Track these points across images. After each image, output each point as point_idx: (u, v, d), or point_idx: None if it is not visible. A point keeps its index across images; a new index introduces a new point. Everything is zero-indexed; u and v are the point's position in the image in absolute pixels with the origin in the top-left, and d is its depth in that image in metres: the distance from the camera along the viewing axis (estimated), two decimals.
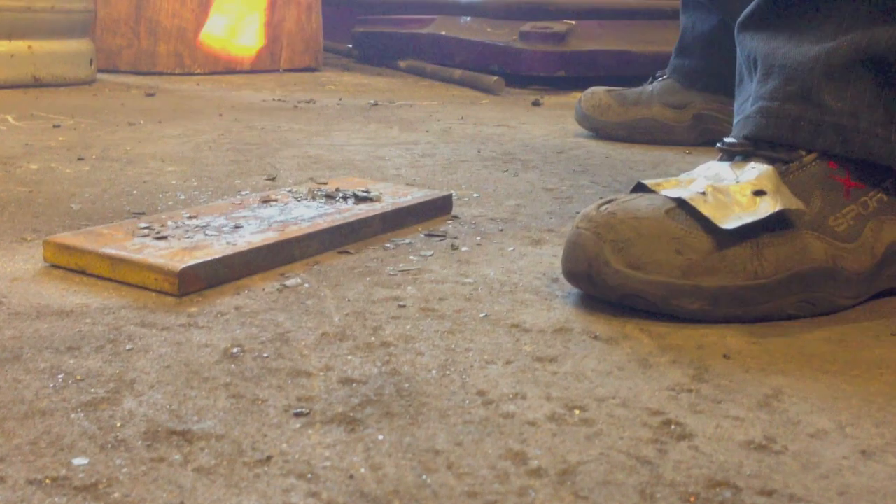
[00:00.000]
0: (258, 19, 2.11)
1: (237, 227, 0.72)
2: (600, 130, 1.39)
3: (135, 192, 0.92)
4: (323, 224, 0.73)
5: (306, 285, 0.65)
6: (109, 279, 0.64)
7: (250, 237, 0.69)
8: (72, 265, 0.66)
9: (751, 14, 0.70)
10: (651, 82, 1.39)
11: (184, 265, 0.62)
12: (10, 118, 1.35)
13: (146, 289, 0.62)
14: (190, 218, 0.74)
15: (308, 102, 1.69)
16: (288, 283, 0.65)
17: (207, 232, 0.70)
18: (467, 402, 0.47)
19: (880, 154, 0.62)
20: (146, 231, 0.70)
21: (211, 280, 0.63)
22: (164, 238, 0.68)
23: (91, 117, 1.40)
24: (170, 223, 0.72)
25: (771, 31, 0.68)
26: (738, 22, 0.71)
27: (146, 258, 0.63)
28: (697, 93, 1.33)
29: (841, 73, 0.63)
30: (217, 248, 0.66)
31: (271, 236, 0.69)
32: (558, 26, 2.05)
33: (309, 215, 0.76)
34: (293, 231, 0.71)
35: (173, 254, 0.64)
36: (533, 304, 0.63)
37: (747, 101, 0.69)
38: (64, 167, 1.02)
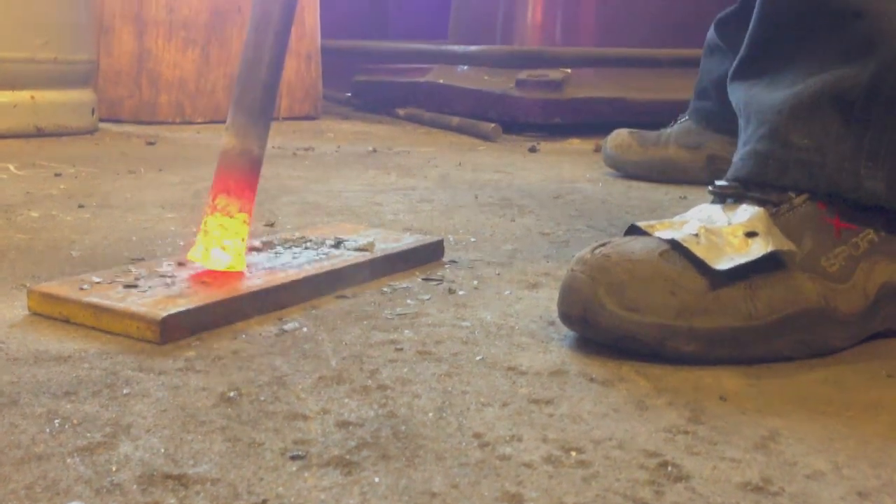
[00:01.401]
0: None
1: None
2: (622, 169, 1.47)
3: (134, 238, 0.93)
4: (311, 271, 0.73)
5: (304, 329, 0.65)
6: (93, 328, 0.64)
7: (237, 284, 0.69)
8: (56, 314, 0.66)
9: (737, 67, 0.73)
10: (672, 124, 1.46)
11: (166, 313, 0.61)
12: (11, 167, 1.37)
13: (129, 337, 0.62)
14: (179, 265, 0.74)
15: (307, 150, 1.71)
16: (285, 327, 0.66)
17: (193, 280, 0.70)
18: (464, 444, 0.47)
19: (848, 187, 0.64)
20: (132, 278, 0.70)
21: (194, 328, 0.63)
22: (149, 286, 0.68)
23: (92, 166, 1.41)
24: (158, 270, 0.72)
25: (753, 81, 0.70)
26: (728, 75, 0.74)
27: (128, 306, 0.63)
28: (712, 134, 1.38)
29: (807, 112, 0.65)
30: (201, 296, 0.66)
31: (257, 283, 0.69)
32: (554, 74, 2.07)
33: (298, 262, 0.76)
34: (280, 278, 0.71)
35: (156, 302, 0.64)
36: (529, 347, 0.63)
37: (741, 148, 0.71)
38: (64, 215, 1.03)
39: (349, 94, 2.68)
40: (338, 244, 0.82)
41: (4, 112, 1.70)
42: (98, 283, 0.68)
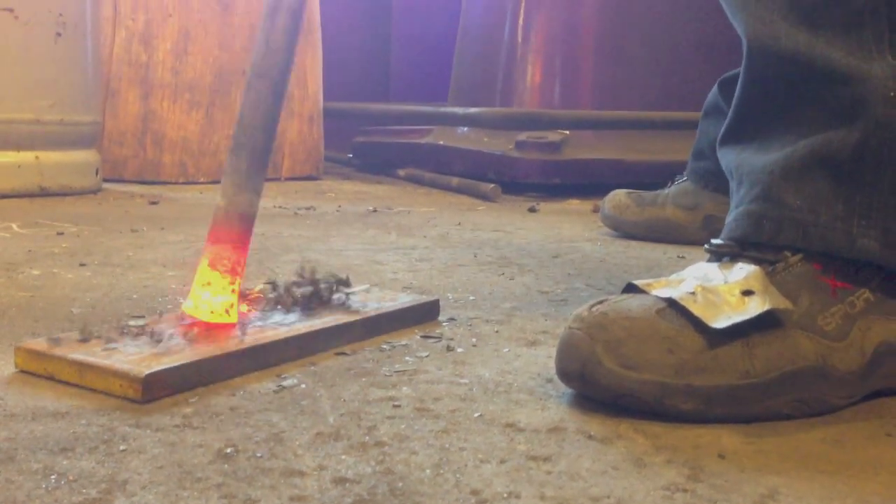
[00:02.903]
0: None
1: (215, 332, 0.71)
2: (620, 229, 1.48)
3: (135, 296, 0.93)
4: (302, 329, 0.73)
5: (302, 385, 0.65)
6: (77, 385, 0.63)
7: (225, 342, 0.69)
8: (41, 371, 0.65)
9: (726, 131, 0.74)
10: (669, 185, 1.48)
11: (149, 371, 0.61)
12: (14, 226, 1.38)
13: (112, 396, 0.62)
14: (172, 322, 0.74)
15: (308, 209, 1.73)
16: (284, 383, 0.66)
17: (182, 337, 0.69)
18: (461, 501, 0.47)
19: (841, 246, 0.64)
20: (122, 335, 0.70)
21: (179, 386, 0.63)
22: (137, 343, 0.68)
23: (95, 225, 1.42)
24: (150, 327, 0.72)
25: (743, 144, 0.72)
26: (717, 139, 0.75)
27: (112, 363, 0.63)
28: (709, 194, 1.40)
29: (798, 174, 0.66)
30: (187, 354, 0.65)
31: (246, 341, 0.69)
32: (553, 136, 2.10)
33: (289, 321, 0.76)
34: (269, 336, 0.71)
35: (142, 359, 0.64)
36: (527, 404, 0.63)
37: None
38: (66, 273, 1.04)
39: (350, 155, 2.71)
40: (329, 300, 0.82)
41: (9, 172, 1.72)
42: (86, 339, 0.68)
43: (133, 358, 0.64)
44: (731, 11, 0.72)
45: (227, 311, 0.72)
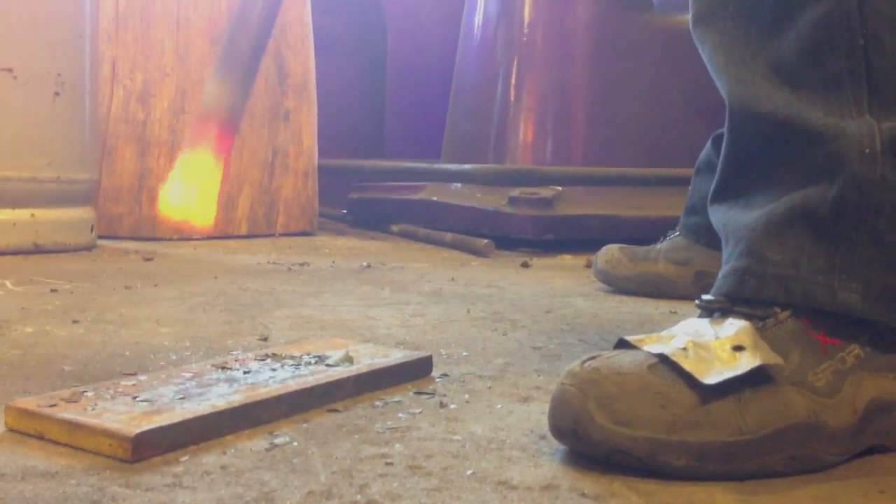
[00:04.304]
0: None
1: (205, 389, 0.72)
2: (613, 284, 1.49)
3: (127, 353, 0.93)
4: (293, 386, 0.73)
5: (294, 443, 0.65)
6: (68, 445, 0.63)
7: (215, 400, 0.69)
8: (31, 430, 0.65)
9: (714, 189, 0.76)
10: (662, 240, 1.49)
11: (139, 430, 0.61)
12: (8, 283, 1.38)
13: (101, 454, 0.61)
14: (163, 380, 0.73)
15: (302, 265, 1.73)
16: (275, 440, 0.65)
17: (172, 395, 0.69)
18: None
19: (823, 301, 0.65)
20: (112, 393, 0.69)
21: (169, 445, 0.62)
22: (126, 401, 0.67)
23: (89, 281, 1.42)
24: (141, 384, 0.72)
25: (731, 202, 0.73)
26: (708, 197, 0.76)
27: (102, 423, 0.62)
28: (701, 249, 1.41)
29: (778, 229, 0.67)
30: (178, 413, 0.65)
31: (237, 399, 0.69)
32: (546, 192, 2.12)
33: (281, 377, 0.76)
34: (261, 394, 0.71)
35: (132, 418, 0.64)
36: (520, 461, 0.63)
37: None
38: (58, 330, 1.04)
39: (345, 211, 2.73)
40: (321, 359, 0.82)
41: (4, 229, 1.72)
42: (77, 398, 0.68)
43: (123, 417, 0.64)
44: (714, 72, 0.74)
45: (207, 196, 0.72)
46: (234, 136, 0.76)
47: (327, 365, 0.81)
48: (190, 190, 0.73)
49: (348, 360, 0.81)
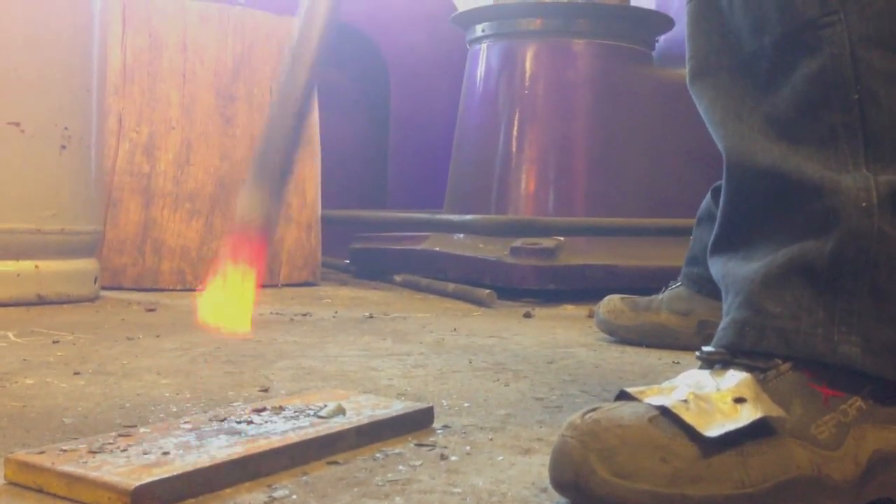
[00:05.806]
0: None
1: (205, 441, 0.71)
2: (615, 334, 1.49)
3: (128, 405, 0.93)
4: (294, 438, 0.73)
5: (293, 497, 0.65)
6: (66, 498, 0.62)
7: (215, 452, 0.68)
8: (30, 483, 0.65)
9: (714, 241, 0.76)
10: (664, 290, 1.49)
11: (138, 483, 0.61)
12: (10, 335, 1.38)
13: None
14: (163, 432, 0.73)
15: (304, 315, 1.73)
16: (275, 494, 0.65)
17: (172, 447, 0.69)
18: None
19: (823, 352, 0.65)
20: (113, 446, 0.69)
21: (168, 498, 0.62)
22: (128, 454, 0.67)
23: (91, 333, 1.42)
24: (141, 436, 0.71)
25: (730, 254, 0.74)
26: (707, 249, 0.77)
27: (101, 475, 0.62)
28: (703, 299, 1.41)
29: (777, 282, 0.67)
30: (177, 465, 0.65)
31: (237, 451, 0.69)
32: (548, 242, 2.13)
33: (281, 429, 0.75)
34: (261, 446, 0.70)
35: (131, 470, 0.63)
36: None
37: None
38: (59, 382, 1.04)
39: (347, 261, 2.74)
40: (321, 411, 0.82)
41: (7, 281, 1.73)
42: (76, 450, 0.68)
43: (122, 469, 0.63)
44: (711, 127, 0.75)
45: (242, 316, 0.72)
46: (269, 246, 0.78)
47: (319, 417, 0.80)
48: (226, 301, 0.74)
49: (341, 411, 0.81)
